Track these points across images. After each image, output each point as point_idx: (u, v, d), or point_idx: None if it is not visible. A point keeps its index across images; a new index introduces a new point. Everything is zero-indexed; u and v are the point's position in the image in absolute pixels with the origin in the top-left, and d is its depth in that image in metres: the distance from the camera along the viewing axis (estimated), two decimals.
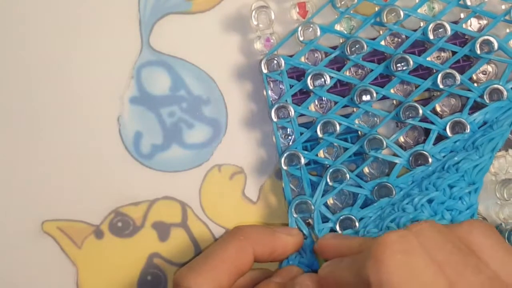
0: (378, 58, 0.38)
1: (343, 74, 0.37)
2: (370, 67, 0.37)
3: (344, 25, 0.38)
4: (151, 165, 0.39)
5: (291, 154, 0.37)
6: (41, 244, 0.39)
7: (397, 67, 0.37)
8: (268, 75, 0.37)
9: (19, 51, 0.39)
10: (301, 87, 0.37)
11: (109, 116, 0.39)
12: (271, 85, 0.38)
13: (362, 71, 0.38)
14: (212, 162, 0.39)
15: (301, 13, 0.38)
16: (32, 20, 0.39)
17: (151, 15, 0.39)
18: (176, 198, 0.39)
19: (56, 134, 0.39)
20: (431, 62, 0.37)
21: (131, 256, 0.39)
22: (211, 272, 0.34)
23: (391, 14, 0.37)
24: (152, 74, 0.39)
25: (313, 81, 0.37)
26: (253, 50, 0.39)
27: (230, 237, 0.35)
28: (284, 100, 0.37)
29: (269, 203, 0.39)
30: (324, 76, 0.37)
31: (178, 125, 0.39)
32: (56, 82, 0.39)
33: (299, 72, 0.38)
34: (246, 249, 0.35)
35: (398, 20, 0.37)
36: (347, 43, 0.37)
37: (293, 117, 0.37)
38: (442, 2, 0.37)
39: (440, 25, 0.37)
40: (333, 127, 0.37)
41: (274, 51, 0.38)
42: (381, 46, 0.37)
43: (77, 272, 0.39)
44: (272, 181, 0.39)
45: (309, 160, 0.37)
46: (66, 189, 0.39)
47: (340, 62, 0.38)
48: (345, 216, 0.37)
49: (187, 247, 0.39)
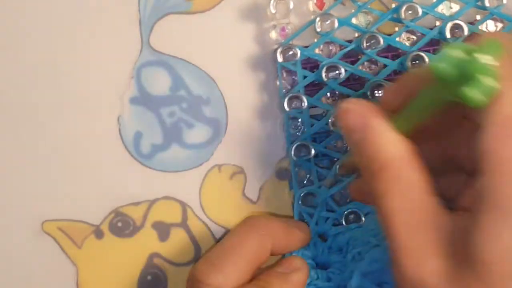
0: (392, 55, 0.38)
1: (357, 68, 0.37)
2: (385, 62, 0.37)
3: (361, 19, 0.38)
4: (151, 165, 0.39)
5: (300, 145, 0.37)
6: (41, 244, 0.39)
7: (412, 64, 0.36)
8: (283, 64, 0.37)
9: (18, 51, 0.39)
10: (315, 78, 0.37)
11: (109, 116, 0.39)
12: (284, 75, 0.38)
13: (375, 66, 0.38)
14: (212, 162, 0.39)
15: (318, 5, 0.38)
16: (32, 20, 0.39)
17: (151, 15, 0.39)
18: (176, 198, 0.39)
19: (56, 134, 0.39)
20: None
21: (131, 256, 0.39)
22: (233, 270, 0.33)
23: (408, 11, 0.37)
24: (152, 74, 0.39)
25: (327, 73, 0.37)
26: (257, 42, 0.39)
27: (250, 230, 0.35)
28: (297, 90, 0.37)
29: (269, 203, 0.39)
30: (339, 69, 0.37)
31: (178, 125, 0.39)
32: (56, 82, 0.39)
33: (312, 64, 0.38)
34: (265, 245, 0.34)
35: (415, 17, 0.37)
36: (363, 37, 0.37)
37: (305, 108, 0.37)
38: (460, 2, 0.37)
39: (457, 25, 0.36)
40: None
41: (290, 40, 0.37)
42: (397, 43, 0.37)
43: (77, 272, 0.39)
44: (272, 181, 0.39)
45: (317, 152, 0.37)
46: (66, 189, 0.39)
47: (354, 56, 0.38)
48: (351, 210, 0.37)
49: (187, 247, 0.39)
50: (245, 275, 0.33)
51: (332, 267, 0.37)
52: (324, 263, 0.38)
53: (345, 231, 0.37)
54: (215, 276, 0.33)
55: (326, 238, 0.38)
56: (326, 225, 0.37)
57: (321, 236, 0.38)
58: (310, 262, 0.37)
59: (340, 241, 0.37)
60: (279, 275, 0.35)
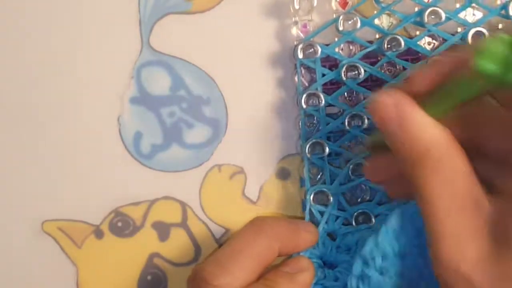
0: (412, 58, 0.37)
1: (377, 70, 0.37)
2: (404, 65, 0.37)
3: (384, 20, 0.38)
4: (151, 165, 0.39)
5: (315, 142, 0.37)
6: (41, 244, 0.39)
7: None
8: (303, 61, 0.37)
9: (18, 51, 0.39)
10: (334, 77, 0.37)
11: (109, 116, 0.39)
12: (302, 71, 0.38)
13: (394, 69, 0.38)
14: (212, 162, 0.39)
15: (341, 4, 0.38)
16: (32, 20, 0.39)
17: (151, 15, 0.39)
18: (176, 198, 0.39)
19: (56, 134, 0.39)
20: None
21: (131, 256, 0.39)
22: (240, 271, 0.33)
23: (431, 15, 0.36)
24: (152, 74, 0.39)
25: (346, 72, 0.37)
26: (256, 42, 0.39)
27: (258, 232, 0.35)
28: (315, 88, 0.37)
29: (269, 203, 0.39)
30: (359, 69, 0.37)
31: (178, 125, 0.39)
32: (56, 82, 0.39)
33: (331, 62, 0.38)
34: (273, 246, 0.34)
35: (438, 22, 0.36)
36: (385, 39, 0.36)
37: (322, 106, 0.37)
38: (484, 10, 0.37)
39: (479, 32, 0.36)
40: (360, 121, 0.37)
41: (311, 37, 0.37)
42: (417, 46, 0.37)
43: (77, 272, 0.39)
44: (272, 181, 0.39)
45: (330, 151, 0.37)
46: (66, 189, 0.39)
47: (373, 57, 0.38)
48: (362, 210, 0.37)
49: (187, 247, 0.39)
50: (252, 276, 0.33)
51: (340, 267, 0.37)
52: (332, 262, 0.37)
53: (355, 231, 0.37)
54: (223, 278, 0.32)
55: (335, 237, 0.38)
56: (336, 224, 0.37)
57: (330, 235, 0.38)
58: (318, 261, 0.37)
59: (349, 241, 0.37)
60: (285, 275, 0.35)
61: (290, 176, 0.39)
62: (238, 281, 0.33)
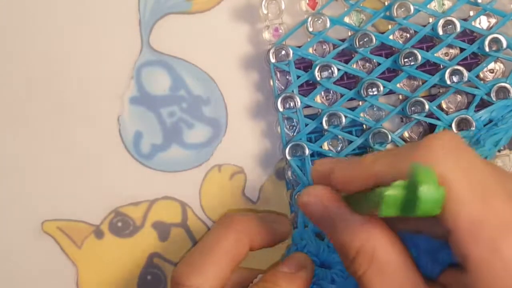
0: (386, 53, 0.37)
1: (350, 67, 0.37)
2: (378, 60, 0.37)
3: (354, 17, 0.38)
4: (151, 165, 0.39)
5: (295, 144, 0.37)
6: (41, 244, 0.39)
7: (405, 61, 0.36)
8: (276, 65, 0.37)
9: (18, 51, 0.39)
10: (308, 78, 0.37)
11: (109, 116, 0.39)
12: (278, 75, 0.38)
13: (369, 64, 0.38)
14: (212, 162, 0.39)
15: (310, 5, 0.38)
16: (32, 20, 0.39)
17: (151, 15, 0.39)
18: (176, 198, 0.39)
19: (56, 134, 0.39)
20: (439, 58, 0.37)
21: (131, 256, 0.39)
22: (211, 269, 0.33)
23: (401, 8, 0.36)
24: (152, 74, 0.39)
25: (320, 72, 0.37)
26: (255, 42, 0.39)
27: (225, 228, 0.35)
28: (290, 90, 0.37)
29: (269, 203, 0.39)
30: (332, 68, 0.37)
31: (178, 125, 0.39)
32: (56, 82, 0.39)
33: (306, 63, 0.38)
34: (243, 241, 0.34)
35: (407, 15, 0.36)
36: (356, 36, 0.36)
37: (299, 108, 0.37)
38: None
39: (449, 21, 0.36)
40: (338, 120, 0.37)
41: (283, 40, 0.37)
42: (389, 40, 0.37)
43: (77, 272, 0.40)
44: (272, 181, 0.39)
45: (313, 151, 0.37)
46: (66, 189, 0.39)
47: (348, 55, 0.38)
48: None
49: (187, 247, 0.39)
50: (224, 272, 0.33)
51: (335, 268, 0.37)
52: (326, 261, 0.37)
53: None
54: (194, 278, 0.32)
55: (323, 237, 0.37)
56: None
57: (318, 235, 0.37)
58: (314, 259, 0.37)
59: None
60: (285, 275, 0.34)
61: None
62: (210, 279, 0.33)
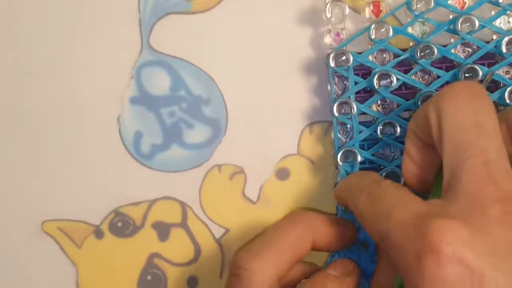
0: (446, 66, 0.37)
1: (409, 78, 0.37)
2: (438, 73, 0.37)
3: (417, 28, 0.37)
4: (151, 165, 0.39)
5: (347, 150, 0.37)
6: (41, 244, 0.39)
7: (465, 76, 0.36)
8: (335, 69, 0.37)
9: (18, 51, 0.39)
10: (366, 85, 0.37)
11: (109, 116, 0.39)
12: (335, 80, 0.37)
13: (428, 76, 0.37)
14: (212, 162, 0.39)
15: (374, 12, 0.38)
16: (32, 20, 0.39)
17: (151, 15, 0.39)
18: (176, 198, 0.39)
19: (56, 134, 0.39)
20: (500, 76, 0.36)
21: (131, 256, 0.39)
22: (272, 257, 0.33)
23: (465, 23, 0.36)
24: (152, 74, 0.39)
25: (379, 80, 0.37)
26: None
27: (291, 223, 0.35)
28: (347, 96, 0.37)
29: (269, 203, 0.39)
30: (391, 77, 0.36)
31: (178, 125, 0.39)
32: (56, 82, 0.39)
33: (364, 70, 0.37)
34: (306, 238, 0.34)
35: (472, 30, 0.36)
36: (418, 47, 0.36)
37: (355, 114, 0.37)
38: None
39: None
40: (393, 129, 0.36)
41: (344, 45, 0.37)
42: (451, 54, 0.36)
43: (77, 272, 0.39)
44: (272, 181, 0.39)
45: (364, 159, 0.37)
46: (66, 189, 0.39)
47: (407, 65, 0.37)
48: None
49: (187, 247, 0.39)
50: (284, 264, 0.34)
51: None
52: (366, 270, 0.37)
53: None
54: (254, 262, 0.33)
55: (368, 245, 0.37)
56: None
57: (363, 244, 0.37)
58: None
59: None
60: (334, 278, 0.35)
61: (290, 176, 0.39)
62: (268, 266, 0.33)
